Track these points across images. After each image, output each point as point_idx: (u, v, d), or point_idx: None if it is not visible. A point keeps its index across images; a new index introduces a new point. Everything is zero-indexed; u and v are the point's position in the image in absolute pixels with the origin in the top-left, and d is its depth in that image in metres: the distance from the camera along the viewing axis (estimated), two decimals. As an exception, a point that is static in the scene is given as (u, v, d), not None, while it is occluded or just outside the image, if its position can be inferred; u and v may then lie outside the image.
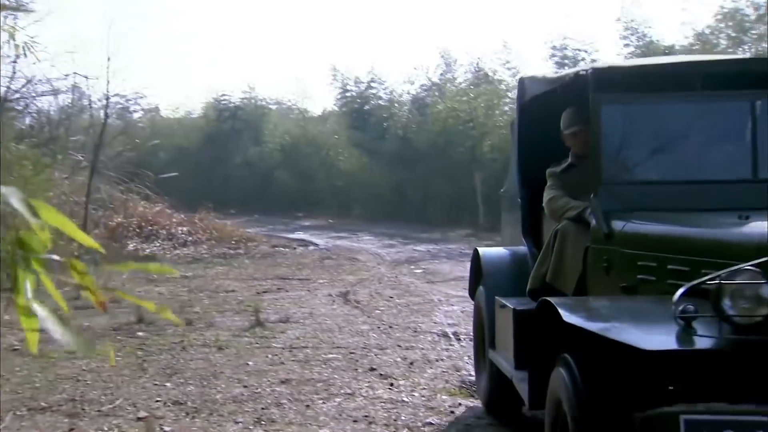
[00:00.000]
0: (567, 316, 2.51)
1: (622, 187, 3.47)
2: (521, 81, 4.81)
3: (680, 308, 2.31)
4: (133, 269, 1.08)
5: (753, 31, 15.90)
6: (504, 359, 4.00)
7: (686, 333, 2.29)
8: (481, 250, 4.79)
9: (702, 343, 2.28)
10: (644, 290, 2.98)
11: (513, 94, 22.10)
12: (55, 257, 1.00)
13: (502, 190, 5.52)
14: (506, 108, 21.47)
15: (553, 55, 21.95)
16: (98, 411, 4.75)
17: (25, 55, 10.62)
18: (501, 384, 4.13)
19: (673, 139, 3.62)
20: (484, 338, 4.58)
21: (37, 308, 0.91)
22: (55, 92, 13.78)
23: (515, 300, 4.00)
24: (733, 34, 16.30)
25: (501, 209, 5.71)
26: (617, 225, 3.26)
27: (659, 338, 2.33)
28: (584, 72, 3.67)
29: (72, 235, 0.99)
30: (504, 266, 4.54)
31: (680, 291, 2.33)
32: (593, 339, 2.41)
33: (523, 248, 4.47)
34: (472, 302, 8.20)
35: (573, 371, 2.59)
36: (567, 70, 4.40)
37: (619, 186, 3.46)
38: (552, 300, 2.72)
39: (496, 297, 4.23)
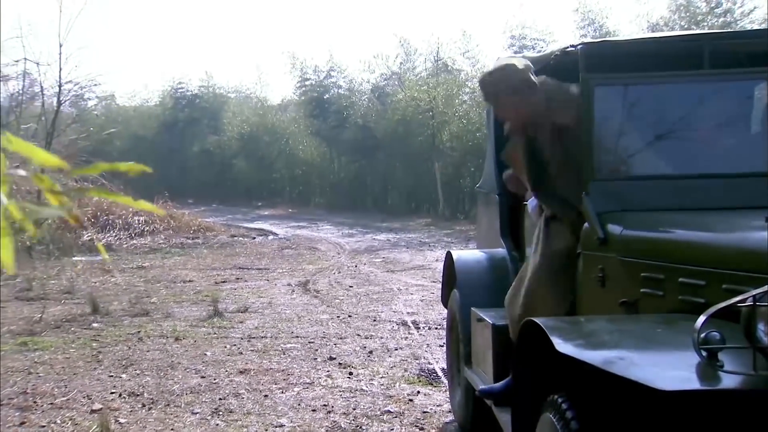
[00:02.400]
0: (560, 345, 2.01)
1: (619, 184, 2.95)
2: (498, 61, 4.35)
3: (703, 336, 1.82)
4: (104, 170, 1.07)
5: (704, 23, 16.25)
6: (482, 380, 3.53)
7: (711, 368, 1.79)
8: (455, 254, 4.21)
9: (731, 381, 1.80)
10: (649, 307, 2.51)
11: (472, 83, 22.23)
12: (21, 172, 0.99)
13: (477, 186, 4.94)
14: (465, 97, 21.58)
15: (511, 45, 22.10)
16: (51, 404, 4.66)
17: None
18: (478, 406, 3.70)
19: (677, 127, 3.08)
20: (458, 351, 4.12)
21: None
22: (5, 79, 13.42)
23: (494, 313, 3.55)
24: (686, 26, 16.63)
25: (478, 206, 5.11)
26: (614, 228, 2.76)
27: (678, 374, 1.84)
28: (573, 48, 3.11)
29: (42, 160, 0.99)
30: (480, 273, 4.00)
31: (704, 315, 1.84)
32: (592, 372, 1.95)
33: (501, 251, 4.04)
34: (434, 293, 8.31)
35: (566, 418, 2.11)
36: (551, 48, 3.80)
37: (615, 182, 2.96)
38: (540, 321, 2.22)
39: (473, 309, 3.77)
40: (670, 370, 1.89)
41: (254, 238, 15.97)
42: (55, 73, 14.10)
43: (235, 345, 6.19)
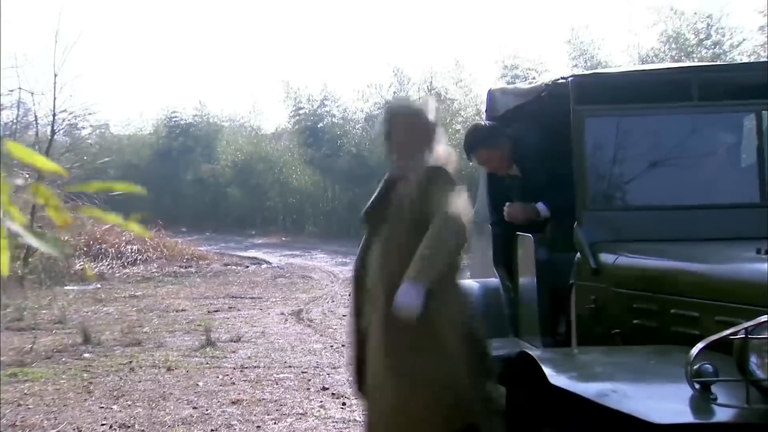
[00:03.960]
0: (553, 377, 2.01)
1: (612, 214, 2.97)
2: (490, 93, 4.28)
3: (696, 368, 1.83)
4: (98, 189, 1.09)
5: (695, 55, 16.45)
6: None
7: (705, 401, 1.81)
8: None
9: (724, 414, 1.80)
10: (641, 338, 2.50)
11: (465, 112, 22.40)
12: (18, 181, 1.02)
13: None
14: (458, 126, 21.69)
15: (504, 75, 22.29)
16: (41, 436, 4.61)
17: None
18: None
19: (668, 158, 3.09)
20: None
21: (10, 224, 0.93)
22: (2, 107, 13.46)
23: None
24: (676, 57, 16.82)
25: (471, 236, 5.33)
26: (607, 258, 2.76)
27: (671, 407, 1.84)
28: (564, 80, 3.15)
29: (40, 165, 1.02)
30: (475, 304, 3.96)
31: (697, 347, 1.83)
32: (586, 405, 1.94)
33: (494, 280, 4.01)
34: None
35: None
36: (543, 79, 3.88)
37: (607, 212, 2.97)
38: (533, 353, 2.24)
39: None
40: (663, 402, 1.89)
41: (248, 266, 15.91)
42: (50, 102, 14.14)
43: (227, 375, 6.14)
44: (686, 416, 1.79)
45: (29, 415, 5.04)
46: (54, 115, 14.08)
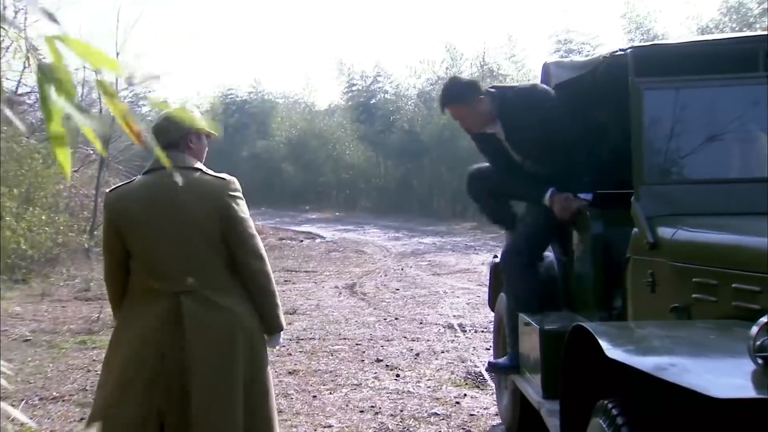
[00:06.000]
0: (609, 350, 1.97)
1: (669, 188, 2.93)
2: (545, 66, 4.23)
3: (758, 343, 1.79)
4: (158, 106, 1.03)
5: (757, 25, 15.88)
6: (530, 385, 3.51)
7: (767, 376, 1.77)
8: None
9: None
10: (701, 313, 2.47)
11: (519, 87, 22.09)
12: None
13: None
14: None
15: (557, 50, 21.93)
16: (109, 400, 4.83)
17: (28, 64, 10.72)
18: (527, 411, 3.65)
19: (728, 130, 3.03)
20: (506, 354, 4.07)
21: (63, 103, 0.90)
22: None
23: (541, 317, 3.53)
24: (737, 28, 16.27)
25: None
26: (665, 232, 2.72)
27: (732, 382, 1.80)
28: (623, 52, 3.10)
29: (101, 62, 0.92)
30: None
31: (760, 322, 1.81)
32: (643, 379, 1.91)
33: (549, 254, 3.99)
34: (480, 297, 8.32)
35: (616, 424, 2.06)
36: (599, 53, 3.76)
37: (665, 186, 2.92)
38: (588, 326, 2.18)
39: (520, 313, 3.74)
40: (724, 377, 1.85)
41: (302, 241, 16.17)
42: (112, 80, 14.50)
43: (284, 346, 6.30)
44: (748, 391, 1.74)
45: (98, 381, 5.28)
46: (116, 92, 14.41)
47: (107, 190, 2.52)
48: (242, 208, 2.78)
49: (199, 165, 2.83)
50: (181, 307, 2.57)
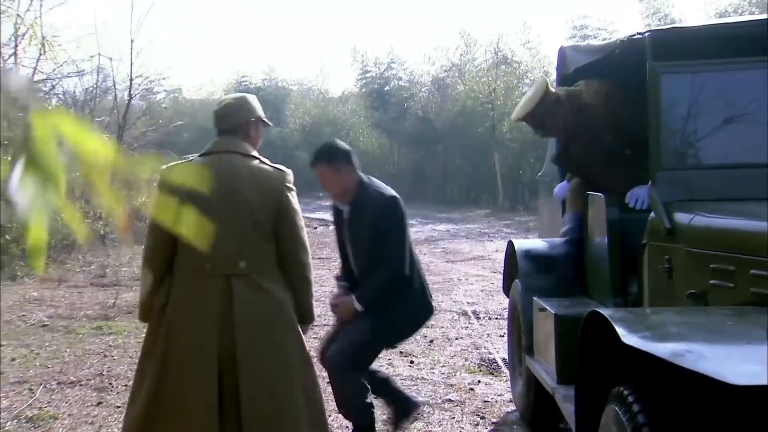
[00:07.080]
0: (626, 336, 1.94)
1: (687, 173, 2.88)
2: (562, 50, 4.22)
3: None
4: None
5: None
6: (544, 370, 3.53)
7: None
8: (517, 244, 4.21)
9: None
10: (718, 299, 2.45)
11: (532, 74, 22.00)
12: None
13: (539, 175, 4.98)
14: (525, 89, 21.35)
15: (573, 36, 21.76)
16: (125, 385, 4.86)
17: (44, 51, 10.76)
18: (541, 396, 3.68)
19: (747, 115, 2.99)
20: (520, 340, 4.13)
21: (50, 198, 0.76)
22: (80, 74, 13.93)
23: (556, 302, 3.54)
24: (757, 12, 16.07)
25: (539, 195, 5.19)
26: (682, 218, 2.70)
27: (750, 369, 1.74)
28: (640, 36, 3.10)
29: (93, 151, 0.78)
30: (543, 263, 3.98)
31: None
32: (659, 366, 1.88)
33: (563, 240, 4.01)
34: (494, 284, 8.32)
35: (632, 411, 2.04)
36: (616, 37, 3.77)
37: (682, 171, 2.88)
38: (604, 312, 2.16)
39: (535, 298, 3.76)
40: (742, 363, 1.81)
41: (315, 227, 16.20)
42: (127, 67, 14.55)
43: (298, 332, 6.33)
44: (766, 377, 1.68)
45: (114, 366, 5.33)
46: (131, 80, 14.49)
47: (162, 167, 2.46)
48: (295, 201, 2.88)
49: (255, 153, 2.89)
50: (232, 289, 2.63)
